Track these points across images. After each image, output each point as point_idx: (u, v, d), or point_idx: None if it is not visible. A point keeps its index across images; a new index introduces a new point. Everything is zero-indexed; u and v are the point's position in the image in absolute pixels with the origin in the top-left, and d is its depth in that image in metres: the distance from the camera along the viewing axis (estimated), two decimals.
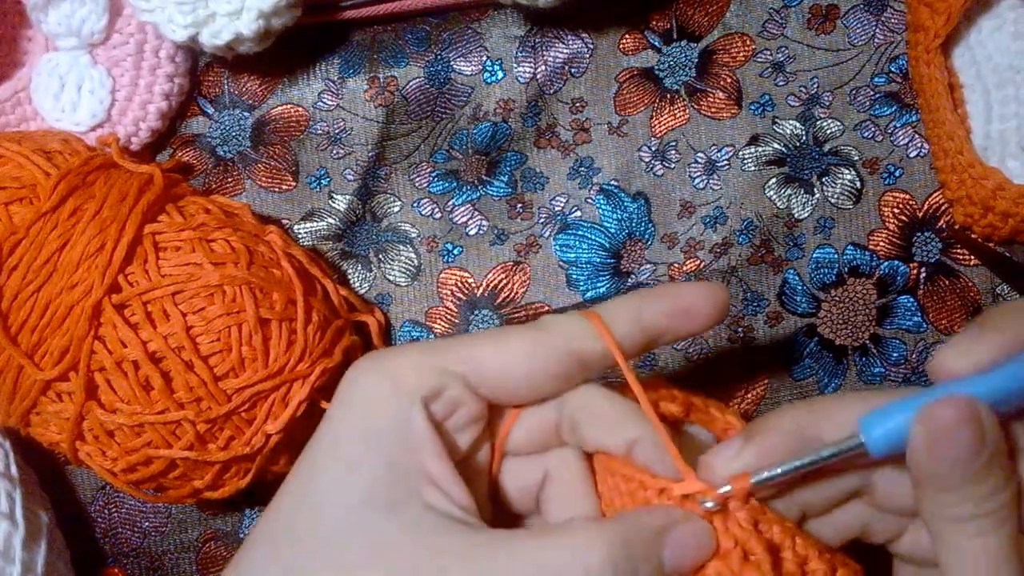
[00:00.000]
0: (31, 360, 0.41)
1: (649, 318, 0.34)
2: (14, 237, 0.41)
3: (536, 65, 0.50)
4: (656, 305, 0.34)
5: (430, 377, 0.33)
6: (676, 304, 0.34)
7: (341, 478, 0.32)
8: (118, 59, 0.47)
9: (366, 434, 0.32)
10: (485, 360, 0.33)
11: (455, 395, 0.33)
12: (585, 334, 0.33)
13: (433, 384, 0.33)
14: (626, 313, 0.34)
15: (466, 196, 0.50)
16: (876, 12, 0.49)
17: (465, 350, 0.33)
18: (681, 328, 0.34)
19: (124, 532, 0.50)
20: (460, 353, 0.33)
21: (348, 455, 0.32)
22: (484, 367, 0.33)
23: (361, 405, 0.33)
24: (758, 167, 0.49)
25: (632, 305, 0.34)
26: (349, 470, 0.32)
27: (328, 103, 0.50)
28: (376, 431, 0.32)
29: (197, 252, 0.42)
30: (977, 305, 0.49)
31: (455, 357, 0.33)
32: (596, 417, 0.34)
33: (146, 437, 0.42)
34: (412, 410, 0.32)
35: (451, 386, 0.33)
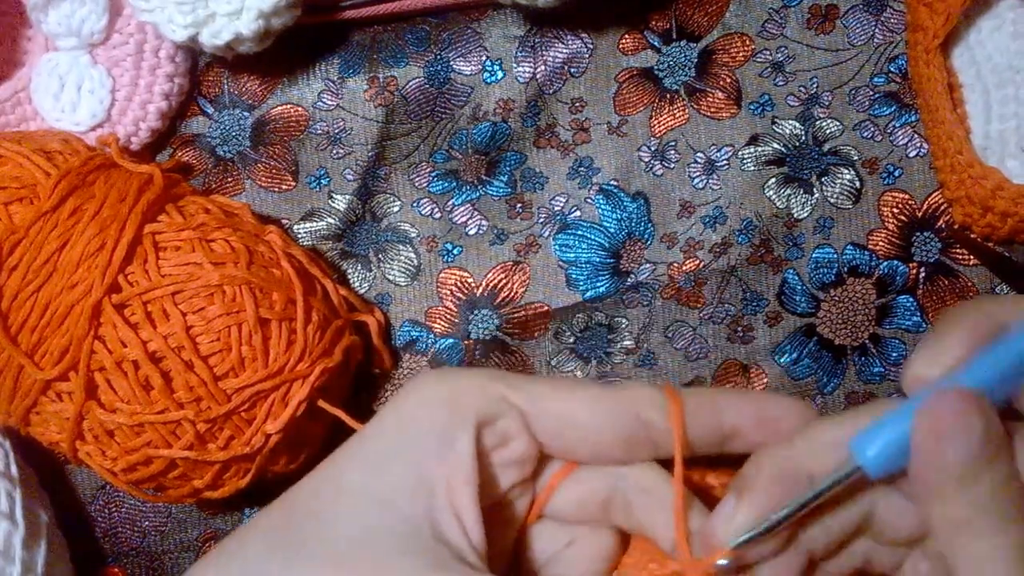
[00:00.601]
0: (31, 360, 0.41)
1: (730, 419, 0.32)
2: (14, 237, 0.41)
3: (536, 65, 0.50)
4: (741, 408, 0.33)
5: (487, 401, 0.32)
6: (763, 413, 0.33)
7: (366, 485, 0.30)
8: (118, 59, 0.47)
9: (405, 442, 0.31)
10: (549, 401, 0.32)
11: (510, 427, 0.32)
12: (659, 407, 0.32)
13: (490, 409, 0.32)
14: (707, 403, 0.32)
15: (466, 196, 0.50)
16: (875, 12, 0.49)
17: (531, 386, 0.32)
18: (758, 438, 0.33)
19: (124, 532, 0.50)
20: (525, 387, 0.32)
21: (380, 460, 0.31)
22: (546, 407, 0.32)
23: (411, 414, 0.32)
24: (757, 167, 0.49)
25: (715, 398, 0.33)
26: (377, 477, 0.30)
27: (328, 103, 0.50)
28: (416, 442, 0.31)
29: (197, 252, 0.42)
30: None
31: (519, 389, 0.32)
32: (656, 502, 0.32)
33: (146, 437, 0.42)
34: (461, 429, 0.31)
35: (508, 416, 0.32)
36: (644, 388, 0.32)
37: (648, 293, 0.49)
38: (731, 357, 0.49)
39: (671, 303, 0.49)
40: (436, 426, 0.31)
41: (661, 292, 0.49)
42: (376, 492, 0.30)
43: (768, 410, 0.33)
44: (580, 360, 0.49)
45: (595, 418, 0.32)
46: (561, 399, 0.32)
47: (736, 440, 0.33)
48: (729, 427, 0.33)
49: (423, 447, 0.31)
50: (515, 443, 0.32)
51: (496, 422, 0.32)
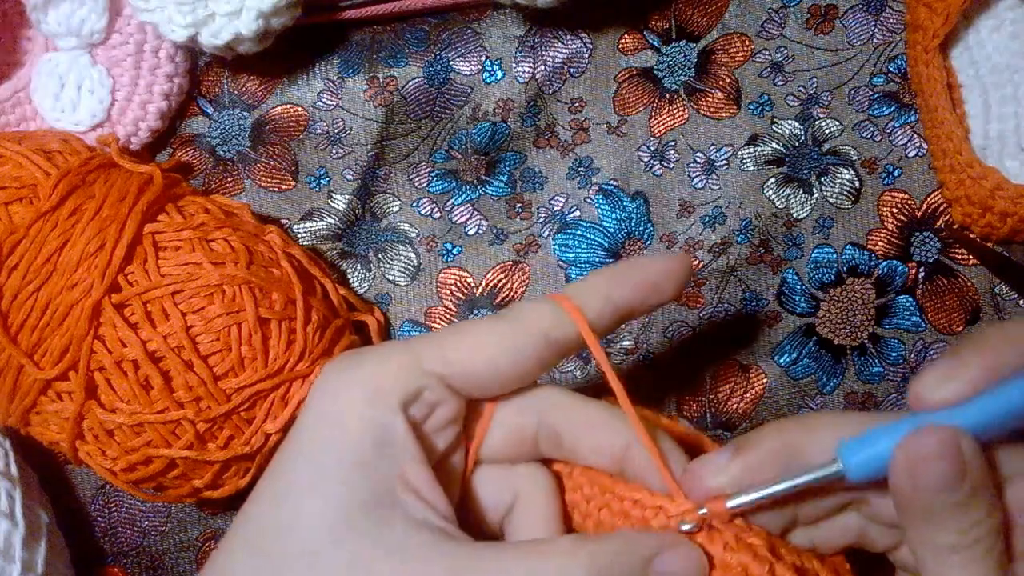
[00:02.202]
0: (31, 360, 0.41)
1: (619, 296, 0.34)
2: (14, 237, 0.41)
3: (535, 65, 0.50)
4: (625, 283, 0.34)
5: (408, 379, 0.32)
6: (644, 280, 0.34)
7: (317, 493, 0.31)
8: (118, 59, 0.47)
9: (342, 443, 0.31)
10: (462, 356, 0.33)
11: (433, 396, 0.33)
12: (559, 319, 0.33)
13: (411, 386, 0.32)
14: (596, 294, 0.34)
15: (465, 196, 0.50)
16: (875, 12, 0.49)
17: (441, 348, 0.33)
18: (650, 301, 0.35)
19: (124, 531, 0.50)
20: (436, 351, 0.33)
21: (323, 468, 0.31)
22: (462, 364, 0.33)
23: (336, 412, 0.32)
24: (757, 167, 0.49)
25: (601, 285, 0.34)
26: (325, 484, 0.31)
27: (327, 103, 0.50)
28: (352, 440, 0.31)
29: (197, 252, 0.42)
30: (976, 305, 0.49)
31: (431, 355, 0.33)
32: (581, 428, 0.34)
33: (146, 436, 0.42)
34: (391, 415, 0.32)
35: (429, 386, 0.32)
36: (539, 309, 0.33)
37: None
38: (730, 357, 0.49)
39: (670, 303, 0.49)
40: (365, 423, 0.31)
41: None
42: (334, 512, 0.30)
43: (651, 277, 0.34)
44: (579, 360, 0.50)
45: (510, 357, 0.33)
46: (474, 351, 0.33)
47: (631, 313, 0.35)
48: (622, 305, 0.34)
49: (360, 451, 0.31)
50: (441, 408, 0.33)
51: (420, 395, 0.32)
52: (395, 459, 0.31)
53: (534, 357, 0.33)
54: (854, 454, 0.31)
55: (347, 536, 0.30)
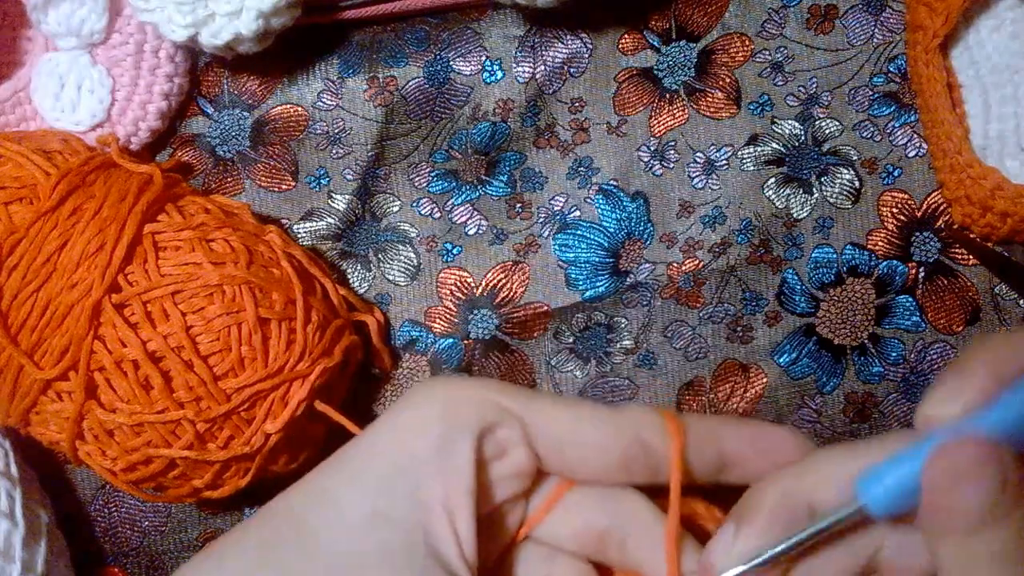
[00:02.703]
0: (31, 359, 0.41)
1: (729, 446, 0.32)
2: (14, 237, 0.41)
3: (535, 65, 0.50)
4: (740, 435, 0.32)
5: (488, 410, 0.31)
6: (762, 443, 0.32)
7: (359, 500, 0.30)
8: (118, 59, 0.47)
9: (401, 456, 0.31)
10: (549, 415, 0.32)
11: (510, 437, 0.31)
12: (659, 430, 0.32)
13: (490, 418, 0.31)
14: (706, 430, 0.32)
15: (465, 196, 0.50)
16: (875, 12, 0.49)
17: (532, 398, 0.32)
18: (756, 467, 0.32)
19: (124, 531, 0.50)
20: (525, 399, 0.32)
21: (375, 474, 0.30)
22: (547, 421, 0.32)
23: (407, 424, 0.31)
24: (757, 167, 0.49)
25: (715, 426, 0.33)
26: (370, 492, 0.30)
27: (327, 103, 0.50)
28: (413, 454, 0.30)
29: (197, 252, 0.42)
30: (976, 305, 0.49)
31: (520, 401, 0.32)
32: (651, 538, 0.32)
33: (146, 436, 0.42)
34: (461, 438, 0.31)
35: (507, 426, 0.31)
36: (646, 412, 0.32)
37: (647, 293, 0.49)
38: (730, 357, 0.49)
39: (670, 303, 0.49)
40: (433, 436, 0.31)
41: (660, 292, 0.49)
42: (369, 508, 0.30)
43: (767, 440, 0.32)
44: (579, 360, 0.50)
45: (597, 436, 0.31)
46: (562, 414, 0.32)
47: (733, 469, 0.33)
48: (727, 455, 0.32)
49: (420, 459, 0.30)
50: (514, 454, 0.32)
51: (496, 431, 0.31)
52: (447, 480, 0.30)
53: (620, 452, 0.32)
54: (873, 487, 0.29)
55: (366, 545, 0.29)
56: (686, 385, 0.49)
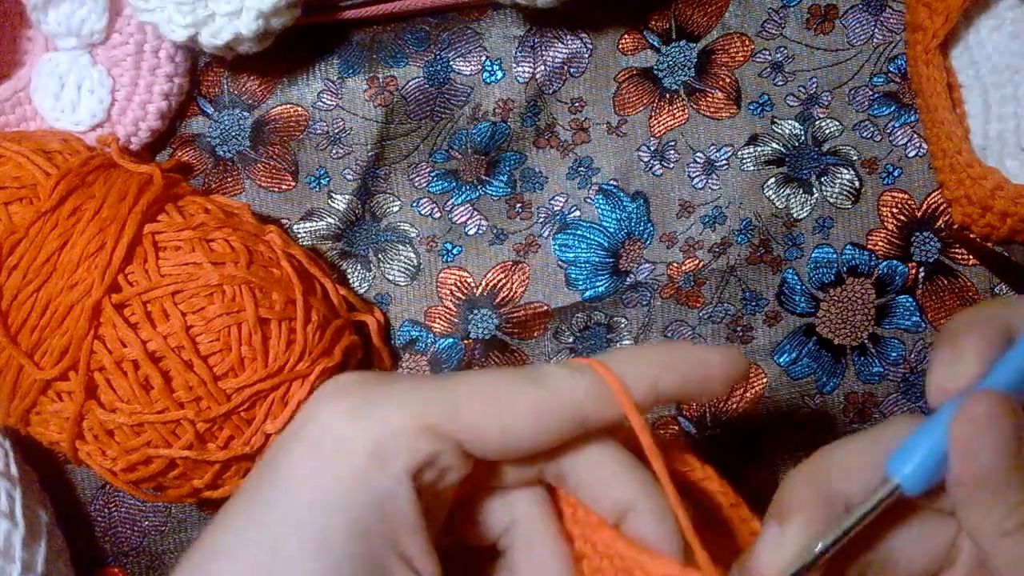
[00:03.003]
0: (31, 359, 0.41)
1: (666, 385, 0.32)
2: (14, 237, 0.41)
3: (535, 65, 0.50)
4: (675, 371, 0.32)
5: (422, 443, 0.30)
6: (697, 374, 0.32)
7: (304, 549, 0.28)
8: (118, 59, 0.47)
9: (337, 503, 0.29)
10: (484, 424, 0.30)
11: (447, 463, 0.30)
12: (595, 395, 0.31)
13: (424, 453, 0.30)
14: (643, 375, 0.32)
15: (465, 196, 0.50)
16: (875, 12, 0.49)
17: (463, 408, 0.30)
18: (695, 396, 0.33)
19: (124, 531, 0.50)
20: (456, 413, 0.30)
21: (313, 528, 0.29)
22: (482, 432, 0.30)
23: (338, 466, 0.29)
24: (757, 167, 0.49)
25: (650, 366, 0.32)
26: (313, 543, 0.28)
27: (327, 103, 0.50)
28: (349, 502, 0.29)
29: (197, 252, 0.42)
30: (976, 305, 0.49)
31: (450, 418, 0.30)
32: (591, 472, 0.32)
33: (146, 436, 0.42)
34: (396, 483, 0.29)
35: (444, 454, 0.30)
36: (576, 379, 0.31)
37: (647, 293, 0.49)
38: None
39: (670, 303, 0.49)
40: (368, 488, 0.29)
41: (660, 292, 0.49)
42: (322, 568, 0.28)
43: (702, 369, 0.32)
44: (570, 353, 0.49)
45: (536, 433, 0.31)
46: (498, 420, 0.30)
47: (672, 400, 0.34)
48: (667, 393, 0.32)
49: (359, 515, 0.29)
50: (453, 472, 0.31)
51: (433, 463, 0.30)
52: (393, 529, 0.29)
53: (559, 431, 0.31)
54: (905, 464, 0.29)
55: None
56: None
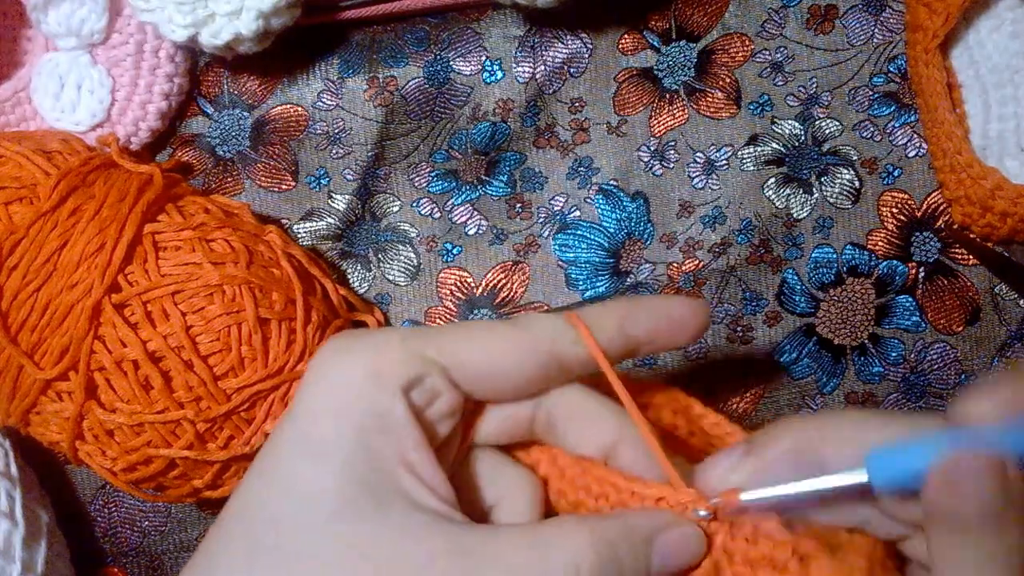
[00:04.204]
0: (31, 359, 0.41)
1: (632, 329, 0.34)
2: (14, 237, 0.41)
3: (535, 65, 0.50)
4: (641, 317, 0.34)
5: (411, 364, 0.32)
6: (661, 318, 0.34)
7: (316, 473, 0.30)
8: (118, 59, 0.47)
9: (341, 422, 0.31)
10: (467, 353, 0.33)
11: (435, 384, 0.32)
12: (568, 337, 0.33)
13: (414, 372, 0.32)
14: (610, 321, 0.34)
15: (465, 196, 0.50)
16: (875, 12, 0.49)
17: (447, 341, 0.33)
18: (663, 341, 0.34)
19: (124, 532, 0.50)
20: (442, 343, 0.33)
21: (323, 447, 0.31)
22: (466, 360, 0.33)
23: (336, 389, 0.32)
24: (757, 167, 0.49)
25: (617, 314, 0.34)
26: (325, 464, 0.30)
27: (327, 103, 0.50)
28: (353, 419, 0.31)
29: (197, 252, 0.42)
30: (976, 305, 0.49)
31: (437, 346, 0.33)
32: (575, 416, 0.34)
33: (146, 436, 0.42)
34: (392, 397, 0.31)
35: (431, 375, 0.32)
36: (550, 324, 0.33)
37: (647, 293, 0.49)
38: (730, 356, 0.49)
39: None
40: (366, 403, 0.31)
41: (660, 292, 0.49)
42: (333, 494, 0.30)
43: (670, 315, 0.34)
44: None
45: (514, 363, 0.33)
46: (480, 350, 0.33)
47: (642, 348, 0.34)
48: (634, 337, 0.34)
49: (361, 431, 0.31)
50: (443, 397, 0.33)
51: (422, 382, 0.32)
52: (396, 441, 0.31)
53: (538, 367, 0.33)
54: (883, 466, 0.30)
55: (347, 516, 0.30)
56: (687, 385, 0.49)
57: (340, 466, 0.30)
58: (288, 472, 0.31)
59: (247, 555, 0.30)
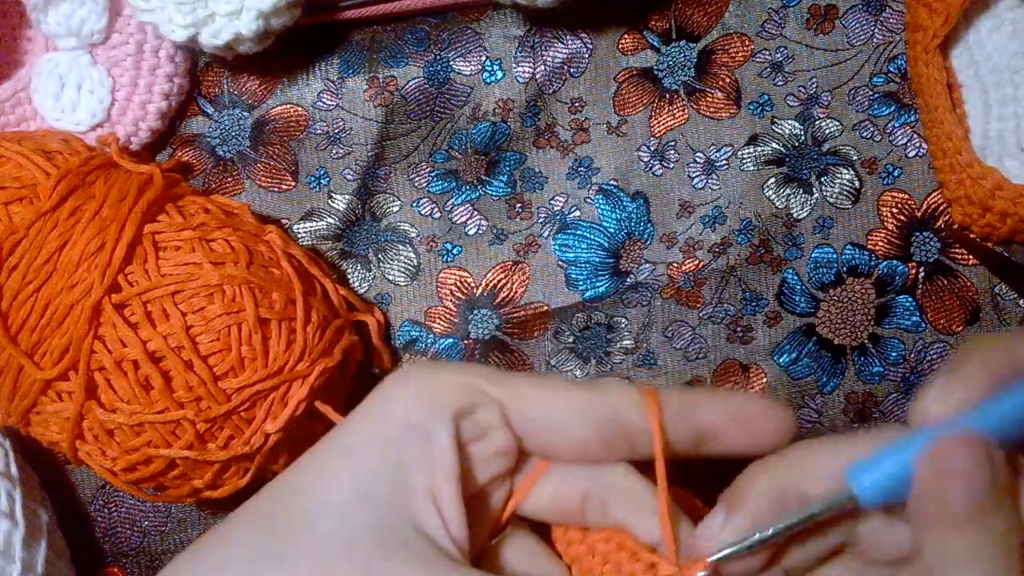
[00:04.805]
0: (31, 359, 0.41)
1: (706, 417, 0.32)
2: (14, 237, 0.41)
3: (535, 65, 0.50)
4: (717, 407, 0.32)
5: (465, 392, 0.31)
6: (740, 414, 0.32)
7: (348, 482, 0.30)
8: (118, 59, 0.47)
9: (385, 439, 0.31)
10: (527, 396, 0.32)
11: (489, 419, 0.32)
12: (636, 408, 0.32)
13: (467, 400, 0.31)
14: (683, 404, 0.32)
15: (465, 196, 0.50)
16: (875, 12, 0.49)
17: (510, 381, 0.32)
18: (735, 439, 0.33)
19: (124, 532, 0.50)
20: (504, 381, 0.32)
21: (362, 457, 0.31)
22: (525, 402, 0.32)
23: (389, 409, 0.32)
24: (757, 167, 0.49)
25: (692, 399, 0.33)
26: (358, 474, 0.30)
27: (327, 103, 0.50)
28: (396, 437, 0.31)
29: (197, 252, 0.42)
30: (976, 305, 0.49)
31: (497, 383, 0.32)
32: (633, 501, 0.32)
33: (146, 436, 0.42)
34: (439, 423, 0.31)
35: (486, 408, 0.32)
36: (622, 389, 0.32)
37: (647, 293, 0.49)
38: (730, 357, 0.49)
39: (670, 303, 0.49)
40: (414, 420, 0.31)
41: (660, 292, 0.49)
42: (358, 490, 0.30)
43: (745, 411, 0.33)
44: (579, 360, 0.50)
45: (574, 416, 0.32)
46: (540, 395, 0.32)
47: (712, 442, 0.33)
48: (705, 428, 0.32)
49: (403, 442, 0.31)
50: (494, 436, 0.32)
51: (475, 413, 0.32)
52: (430, 465, 0.30)
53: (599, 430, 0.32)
54: (864, 477, 0.30)
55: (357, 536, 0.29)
56: (686, 385, 0.49)
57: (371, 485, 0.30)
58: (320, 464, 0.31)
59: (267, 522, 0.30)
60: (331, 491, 0.30)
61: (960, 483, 0.28)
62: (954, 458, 0.28)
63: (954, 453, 0.28)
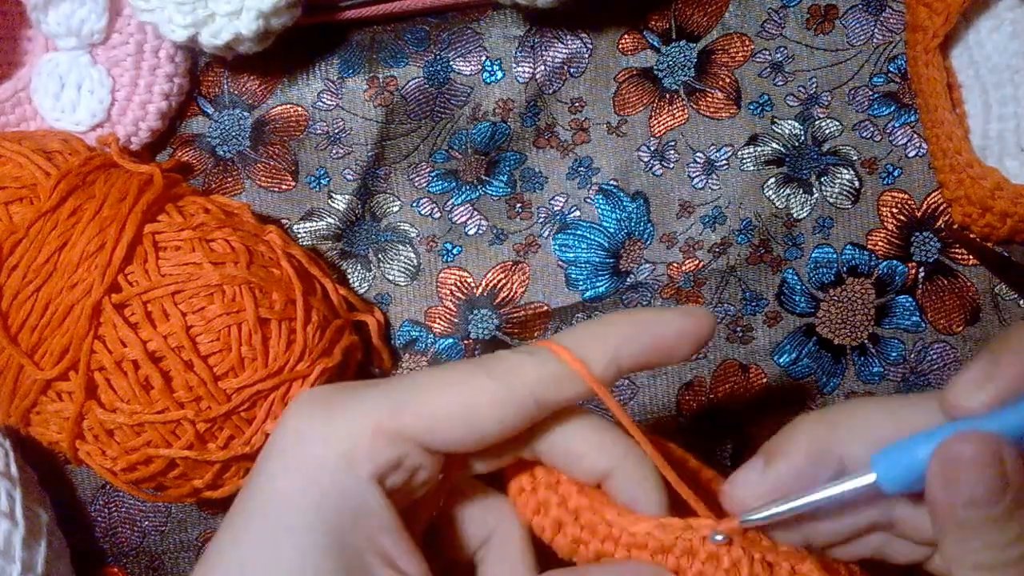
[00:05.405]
0: (31, 359, 0.41)
1: (627, 356, 0.31)
2: (14, 237, 0.41)
3: (535, 65, 0.50)
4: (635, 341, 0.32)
5: (386, 448, 0.30)
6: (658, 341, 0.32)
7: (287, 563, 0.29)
8: (118, 59, 0.47)
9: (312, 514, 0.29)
10: (446, 421, 0.31)
11: (413, 463, 0.31)
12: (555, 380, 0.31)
13: (390, 456, 0.30)
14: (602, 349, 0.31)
15: (465, 196, 0.50)
16: (875, 12, 0.49)
17: (424, 407, 0.31)
18: (657, 363, 0.32)
19: (124, 531, 0.50)
20: (418, 412, 0.30)
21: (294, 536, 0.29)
22: (445, 429, 0.31)
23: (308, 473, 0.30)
24: (757, 167, 0.49)
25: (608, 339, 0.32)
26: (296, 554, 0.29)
27: (327, 103, 0.50)
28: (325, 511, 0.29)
29: (197, 252, 0.42)
30: (976, 305, 0.49)
31: (413, 418, 0.30)
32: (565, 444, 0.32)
33: (146, 436, 0.42)
34: (365, 485, 0.30)
35: (409, 455, 0.31)
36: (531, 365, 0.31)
37: (647, 293, 0.49)
38: (730, 357, 0.49)
39: (671, 303, 0.49)
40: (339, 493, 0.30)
41: (660, 292, 0.49)
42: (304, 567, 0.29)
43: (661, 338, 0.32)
44: None
45: (498, 423, 0.31)
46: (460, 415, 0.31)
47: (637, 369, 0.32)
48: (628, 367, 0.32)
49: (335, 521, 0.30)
50: (421, 471, 0.31)
51: (400, 465, 0.31)
52: (371, 530, 0.30)
53: (520, 418, 0.31)
54: (889, 465, 0.29)
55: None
56: (686, 385, 0.49)
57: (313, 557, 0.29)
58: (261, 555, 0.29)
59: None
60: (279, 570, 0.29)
61: (966, 484, 0.28)
62: (962, 457, 0.28)
63: (963, 452, 0.28)
